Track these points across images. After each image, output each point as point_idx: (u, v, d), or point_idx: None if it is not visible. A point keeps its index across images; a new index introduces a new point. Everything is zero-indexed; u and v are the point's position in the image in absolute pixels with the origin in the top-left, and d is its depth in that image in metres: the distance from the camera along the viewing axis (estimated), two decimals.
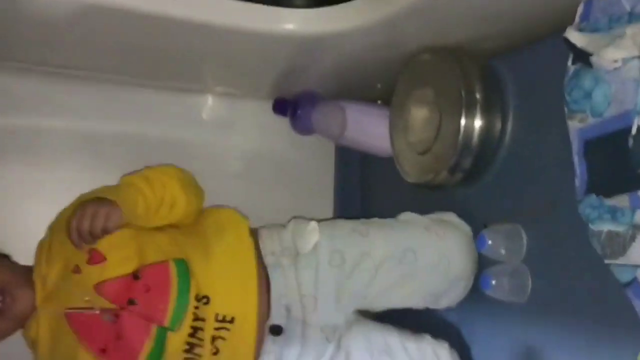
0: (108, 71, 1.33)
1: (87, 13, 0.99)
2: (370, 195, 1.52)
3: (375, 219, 1.19)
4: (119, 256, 1.05)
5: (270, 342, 1.09)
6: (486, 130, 1.08)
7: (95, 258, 1.05)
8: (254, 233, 1.15)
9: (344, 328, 1.11)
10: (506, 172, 1.09)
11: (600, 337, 0.90)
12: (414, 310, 1.16)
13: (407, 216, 1.20)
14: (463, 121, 1.07)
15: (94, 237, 0.99)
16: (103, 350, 1.03)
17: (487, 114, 1.08)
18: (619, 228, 0.80)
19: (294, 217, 1.19)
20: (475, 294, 1.10)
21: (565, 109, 0.87)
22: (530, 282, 1.01)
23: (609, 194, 0.81)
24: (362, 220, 1.19)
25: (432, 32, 1.11)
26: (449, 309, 1.16)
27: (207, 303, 1.05)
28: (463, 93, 1.08)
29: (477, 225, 1.12)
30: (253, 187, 1.50)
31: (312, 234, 1.11)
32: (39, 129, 1.34)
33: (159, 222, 1.11)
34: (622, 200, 0.79)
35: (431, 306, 1.16)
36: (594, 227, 0.83)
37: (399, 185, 1.26)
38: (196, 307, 1.04)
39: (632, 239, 0.79)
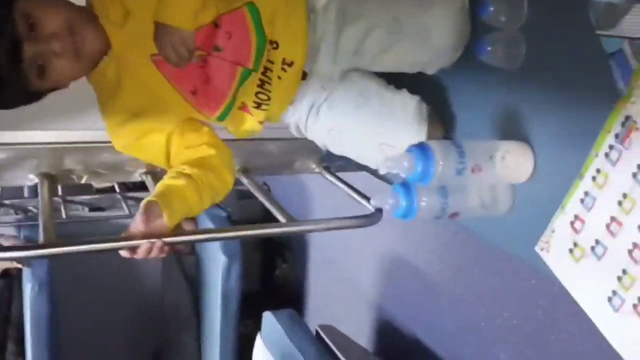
0: None
1: None
2: None
3: None
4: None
5: None
6: None
7: None
8: None
9: (338, 80, 1.25)
10: None
11: (579, 101, 0.99)
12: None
13: None
14: None
15: (186, 61, 1.08)
16: (193, 92, 1.17)
17: None
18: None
19: None
20: (472, 59, 1.14)
21: None
22: (524, 50, 1.07)
23: None
24: None
25: None
26: (444, 72, 1.23)
27: (276, 48, 1.18)
28: None
29: None
30: None
31: None
32: None
33: None
34: None
35: (423, 71, 1.24)
36: None
37: None
38: (268, 50, 1.17)
39: (626, 11, 0.85)
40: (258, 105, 1.22)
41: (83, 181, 1.45)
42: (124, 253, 1.10)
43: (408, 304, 2.14)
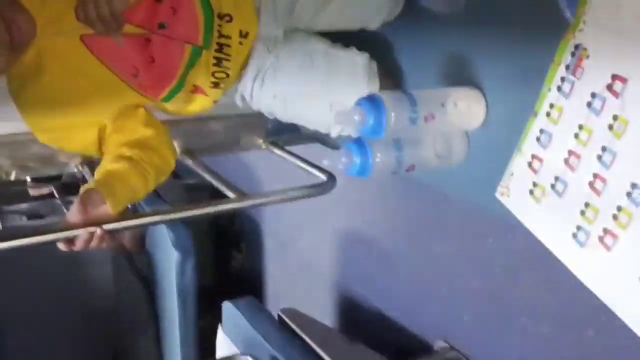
0: None
1: None
2: None
3: None
4: None
5: None
6: None
7: None
8: None
9: (282, 41, 1.20)
10: None
11: (525, 37, 0.98)
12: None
13: None
14: None
15: (109, 27, 0.93)
16: (134, 74, 1.07)
17: None
18: None
19: None
20: (415, 8, 1.14)
21: None
22: None
23: None
24: None
25: None
26: (389, 26, 1.20)
27: (230, 21, 1.11)
28: None
29: None
30: None
31: None
32: None
33: None
34: None
35: (365, 27, 1.21)
36: None
37: None
38: (219, 25, 1.10)
39: None
40: (216, 85, 1.15)
41: (13, 177, 1.34)
42: (61, 246, 1.01)
43: (367, 278, 2.12)
